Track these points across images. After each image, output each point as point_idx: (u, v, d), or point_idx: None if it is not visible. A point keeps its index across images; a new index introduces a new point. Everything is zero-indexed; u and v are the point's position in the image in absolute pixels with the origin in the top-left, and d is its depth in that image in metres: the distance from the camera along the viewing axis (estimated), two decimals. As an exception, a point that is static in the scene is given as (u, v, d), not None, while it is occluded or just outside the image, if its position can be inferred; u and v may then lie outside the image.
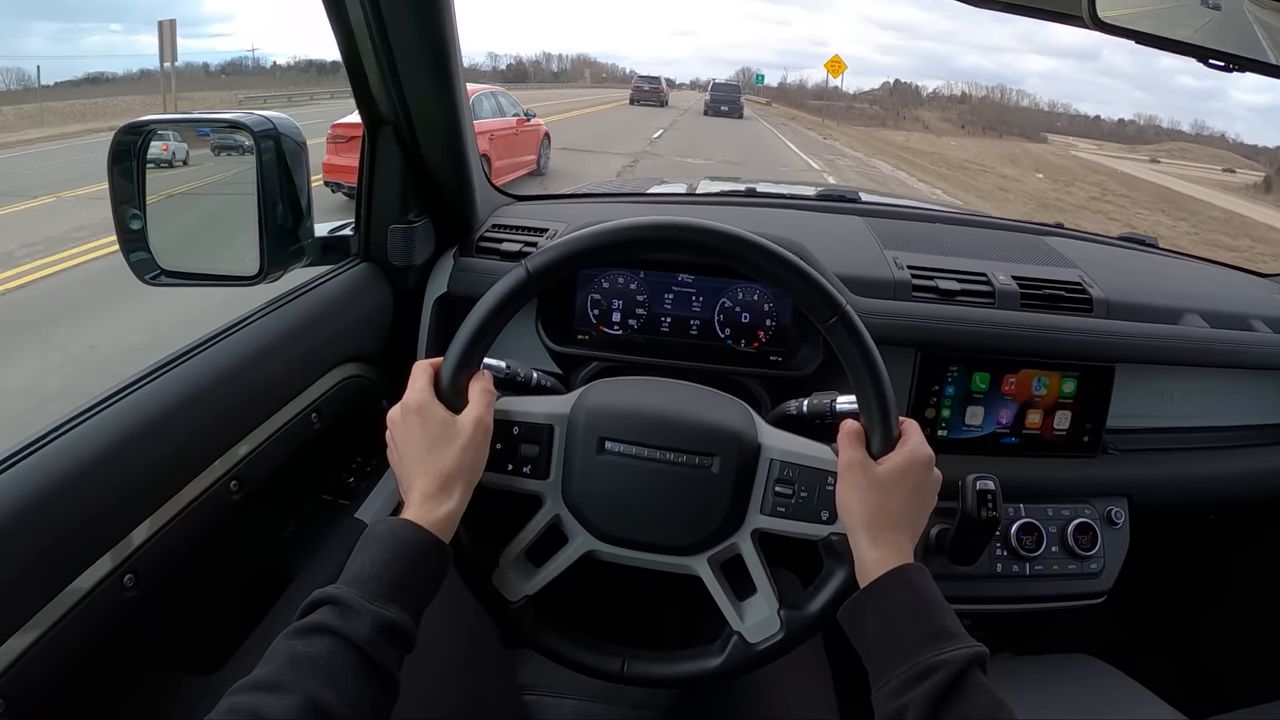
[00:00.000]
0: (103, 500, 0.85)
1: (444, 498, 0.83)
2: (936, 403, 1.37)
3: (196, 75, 40.79)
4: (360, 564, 0.76)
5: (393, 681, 0.72)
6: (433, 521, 0.81)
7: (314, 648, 0.69)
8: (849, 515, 0.86)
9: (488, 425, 0.88)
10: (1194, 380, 1.54)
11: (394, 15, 1.14)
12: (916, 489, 0.87)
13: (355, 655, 0.70)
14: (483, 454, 0.88)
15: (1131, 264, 1.75)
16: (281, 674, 0.67)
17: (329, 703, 0.66)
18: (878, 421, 0.87)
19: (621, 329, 1.39)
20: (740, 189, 2.04)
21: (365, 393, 1.35)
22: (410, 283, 1.41)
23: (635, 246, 0.90)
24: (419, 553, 0.78)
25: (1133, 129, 70.13)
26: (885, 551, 0.82)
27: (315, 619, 0.71)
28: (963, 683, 0.72)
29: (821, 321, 0.87)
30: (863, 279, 1.38)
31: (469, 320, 0.88)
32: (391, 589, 0.75)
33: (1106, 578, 1.38)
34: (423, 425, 0.86)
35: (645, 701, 1.16)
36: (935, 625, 0.77)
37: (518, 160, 10.77)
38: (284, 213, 1.15)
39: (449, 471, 0.84)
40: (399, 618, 0.73)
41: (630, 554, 0.94)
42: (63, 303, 5.52)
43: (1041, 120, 72.78)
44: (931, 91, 76.04)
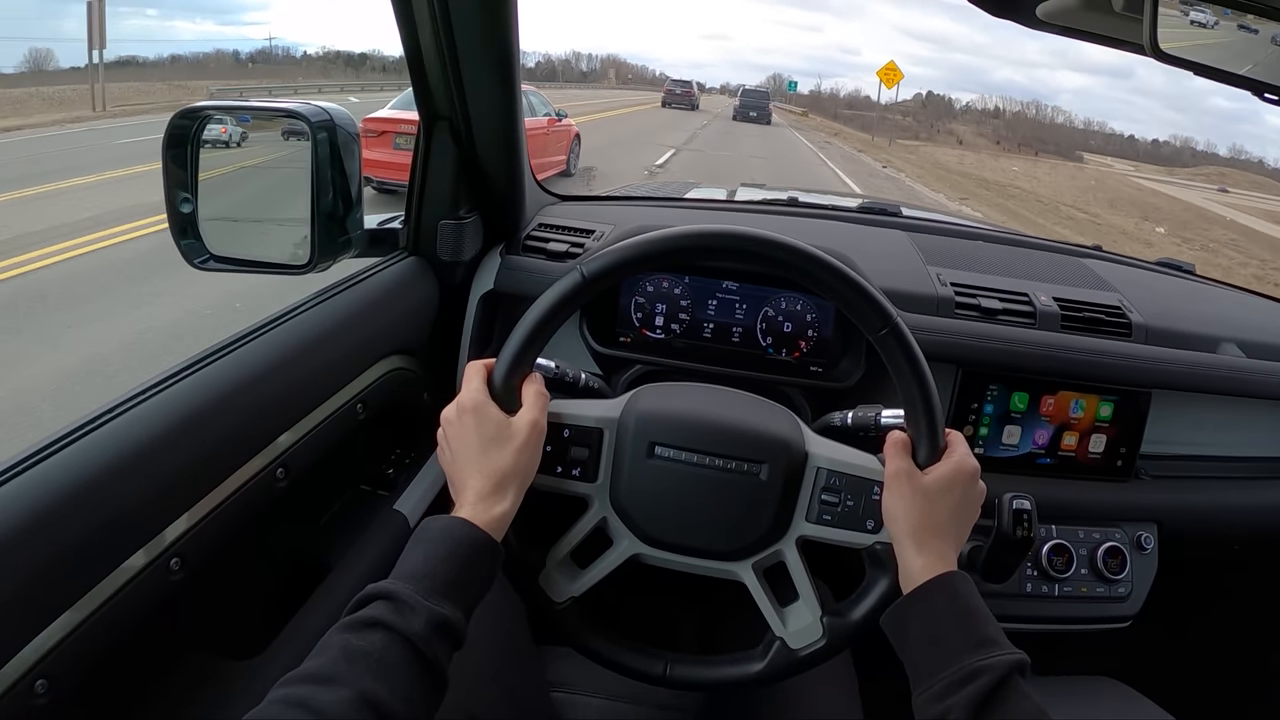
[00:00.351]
0: (152, 484, 0.86)
1: (499, 498, 0.84)
2: (975, 420, 1.39)
3: (225, 62, 41.06)
4: (415, 560, 0.78)
5: (443, 678, 0.74)
6: (487, 521, 0.82)
7: (367, 642, 0.70)
8: (895, 524, 0.87)
9: (542, 428, 0.89)
10: (1228, 410, 1.54)
11: (461, 12, 1.15)
12: (962, 499, 0.88)
13: (409, 651, 0.71)
14: (537, 456, 0.89)
15: (1170, 289, 1.76)
16: (335, 666, 0.68)
17: (381, 697, 0.67)
18: (925, 432, 0.88)
19: (664, 333, 1.41)
20: (781, 198, 2.06)
21: (408, 385, 1.36)
22: (457, 278, 1.43)
23: (691, 254, 0.91)
24: (474, 551, 0.80)
25: (1168, 150, 69.22)
26: (930, 559, 0.84)
27: (369, 613, 0.72)
28: (1005, 688, 0.73)
29: (873, 333, 0.89)
30: (907, 294, 1.39)
31: (524, 321, 0.89)
32: (446, 586, 0.76)
33: (1134, 602, 1.39)
34: (478, 426, 0.87)
35: (671, 703, 1.17)
36: (979, 632, 0.79)
37: (548, 160, 10.77)
38: (335, 203, 1.16)
39: (504, 472, 0.85)
40: (453, 615, 0.75)
41: (675, 558, 0.96)
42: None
43: (1076, 138, 71.66)
44: (965, 105, 75.10)
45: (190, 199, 1.13)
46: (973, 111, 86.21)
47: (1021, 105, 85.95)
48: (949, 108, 72.61)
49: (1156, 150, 69.20)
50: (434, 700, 0.73)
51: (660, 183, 9.30)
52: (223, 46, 66.03)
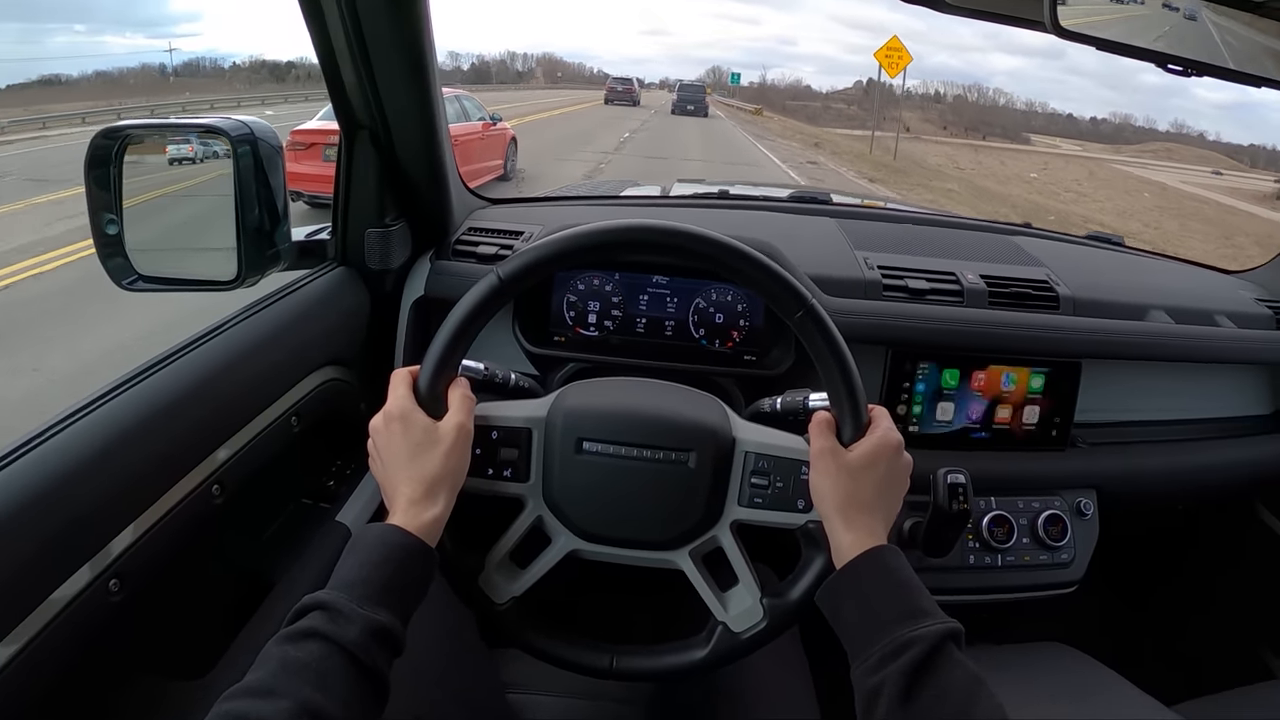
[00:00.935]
0: (85, 507, 0.86)
1: (429, 503, 0.86)
2: (908, 399, 1.43)
3: (151, 76, 40.17)
4: (349, 569, 0.79)
5: (384, 685, 0.75)
6: (419, 526, 0.83)
7: (305, 652, 0.71)
8: (823, 501, 0.90)
9: (469, 430, 0.91)
10: (1160, 375, 1.61)
11: (371, 19, 1.16)
12: (888, 473, 0.90)
13: (346, 659, 0.72)
14: (465, 459, 0.90)
15: (1098, 262, 1.82)
16: (274, 679, 0.69)
17: (321, 707, 0.68)
18: (847, 410, 0.91)
19: (597, 330, 1.43)
20: (713, 191, 2.09)
21: (344, 396, 1.37)
22: (387, 286, 1.44)
23: (605, 250, 0.93)
24: (407, 557, 0.81)
25: (1108, 128, 69.93)
26: (859, 534, 0.86)
27: (306, 624, 0.73)
28: (938, 657, 0.75)
29: (789, 316, 0.91)
30: (834, 279, 1.43)
31: (444, 328, 0.91)
32: (380, 593, 0.77)
33: (1077, 567, 1.44)
34: (405, 433, 0.88)
35: (627, 697, 1.20)
36: (910, 604, 0.81)
37: (485, 165, 10.75)
38: (261, 217, 1.17)
39: (433, 477, 0.87)
40: (389, 621, 0.76)
41: (613, 551, 0.98)
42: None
43: (1020, 120, 72.16)
44: (906, 90, 75.77)
45: (115, 220, 1.13)
46: (914, 97, 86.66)
47: (963, 89, 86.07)
48: (890, 94, 73.13)
49: (1097, 128, 70.04)
50: (375, 708, 0.74)
51: (595, 182, 9.32)
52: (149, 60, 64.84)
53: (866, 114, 70.03)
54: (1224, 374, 1.69)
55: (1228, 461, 1.64)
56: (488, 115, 11.14)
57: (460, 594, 0.97)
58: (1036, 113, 76.80)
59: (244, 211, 1.15)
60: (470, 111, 10.66)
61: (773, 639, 0.96)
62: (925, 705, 0.74)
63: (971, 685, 0.74)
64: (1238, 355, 1.64)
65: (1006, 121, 62.19)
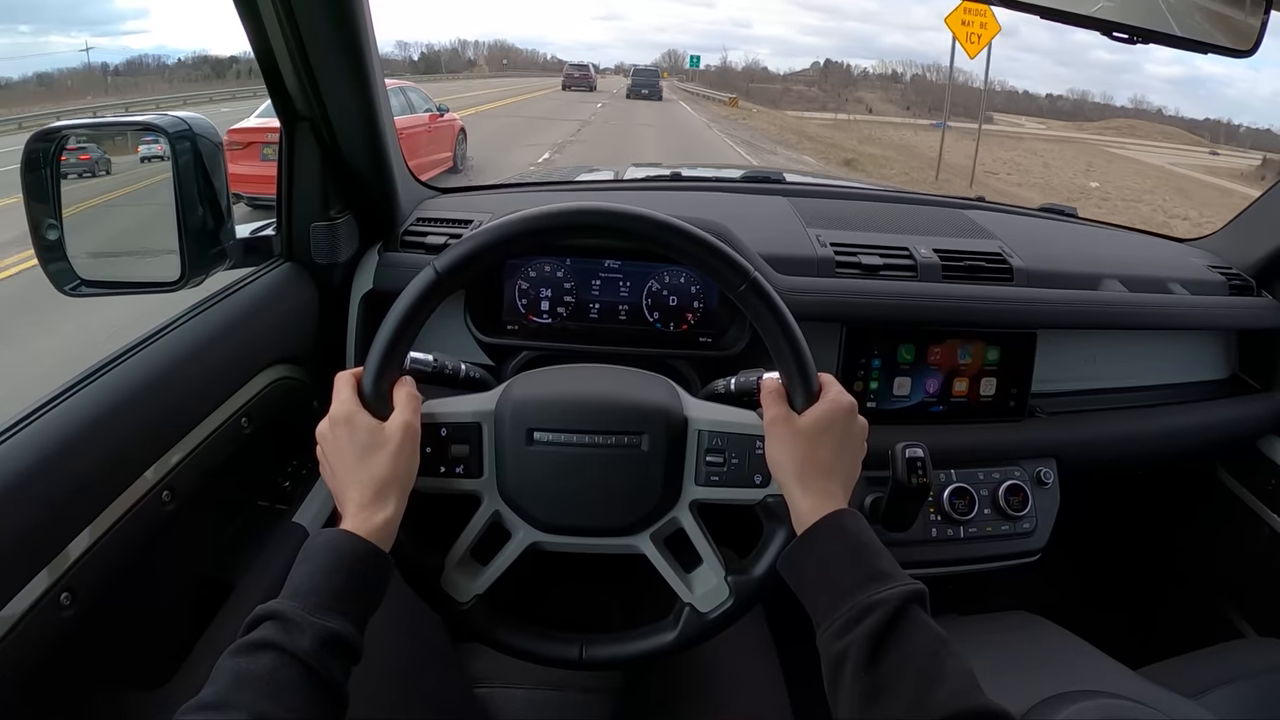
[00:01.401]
0: (31, 518, 0.85)
1: (379, 505, 0.85)
2: (864, 375, 1.45)
3: (94, 76, 39.25)
4: (300, 577, 0.78)
5: (341, 693, 0.75)
6: (370, 530, 0.83)
7: (258, 664, 0.71)
8: (780, 470, 0.90)
9: (415, 429, 0.90)
10: (1116, 343, 1.65)
11: (305, 8, 1.14)
12: (844, 436, 0.91)
13: (300, 669, 0.71)
14: (414, 458, 0.90)
15: (1051, 234, 1.85)
16: (227, 693, 0.69)
17: (276, 718, 0.68)
18: (797, 378, 0.92)
19: (551, 317, 1.44)
20: (666, 174, 2.11)
21: (296, 394, 1.36)
22: (336, 280, 1.43)
23: (542, 235, 0.93)
24: (358, 562, 0.80)
25: (1066, 104, 69.94)
26: (818, 499, 0.87)
27: (258, 635, 0.73)
28: (901, 620, 0.76)
29: (732, 290, 0.92)
30: (787, 257, 1.45)
31: (384, 326, 0.90)
32: (333, 600, 0.77)
33: (1039, 536, 1.47)
34: (351, 436, 0.88)
35: (595, 686, 1.21)
36: (871, 567, 0.81)
37: (434, 158, 10.61)
38: (204, 216, 1.16)
39: (382, 479, 0.86)
40: (342, 629, 0.75)
41: (573, 541, 0.98)
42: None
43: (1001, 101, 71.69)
44: (863, 70, 75.04)
45: (55, 224, 1.11)
46: (871, 77, 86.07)
47: (921, 68, 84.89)
48: (848, 75, 72.47)
49: (1055, 105, 70.08)
50: (332, 717, 0.74)
51: (549, 169, 9.25)
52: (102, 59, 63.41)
53: (826, 95, 69.06)
54: (1180, 340, 1.73)
55: (1186, 426, 1.67)
56: (435, 106, 10.99)
57: (422, 596, 0.97)
58: (995, 91, 76.58)
59: (185, 210, 1.14)
60: (416, 103, 10.49)
61: (740, 616, 0.97)
62: (890, 668, 0.74)
63: (936, 646, 0.75)
64: (1191, 321, 1.68)
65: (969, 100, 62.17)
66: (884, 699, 0.73)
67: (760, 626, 1.27)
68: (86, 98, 33.10)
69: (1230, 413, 1.72)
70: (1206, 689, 1.29)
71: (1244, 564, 1.84)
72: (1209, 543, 1.94)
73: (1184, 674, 1.35)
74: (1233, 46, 1.21)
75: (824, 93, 75.29)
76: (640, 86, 41.76)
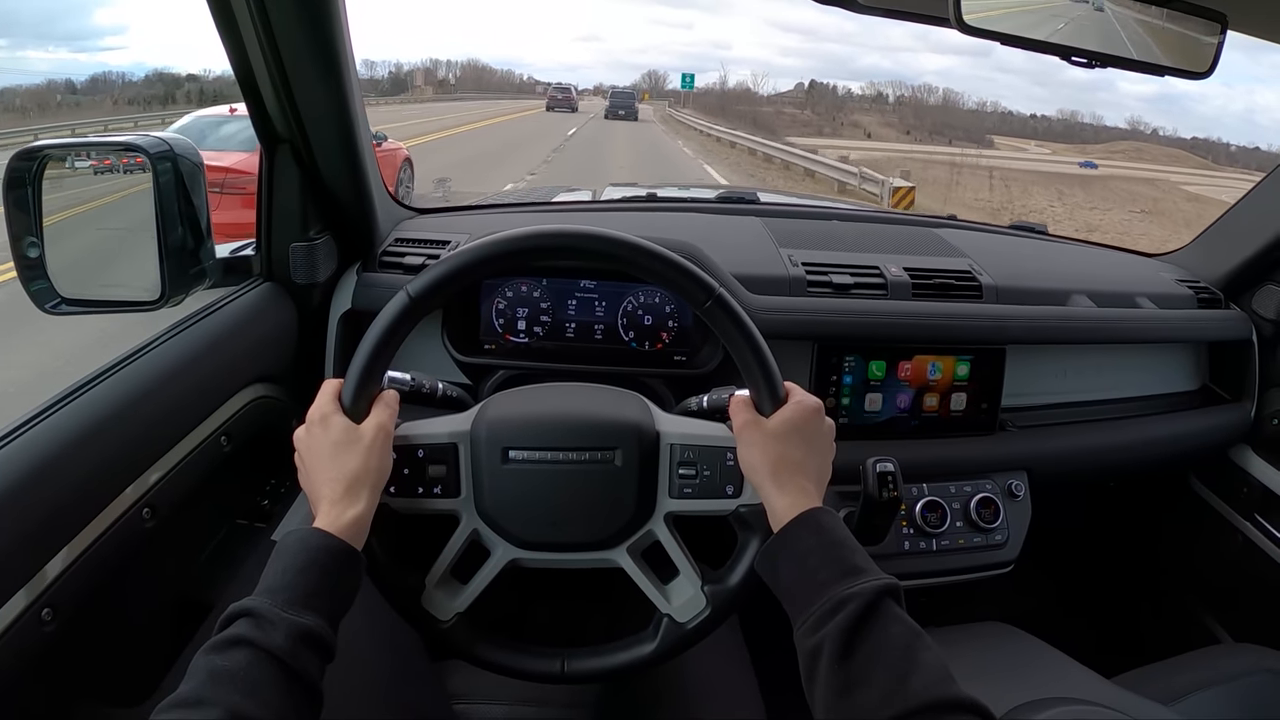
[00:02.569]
0: (12, 534, 0.87)
1: (351, 501, 0.87)
2: (836, 391, 1.49)
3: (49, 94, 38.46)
4: (273, 574, 0.80)
5: (315, 689, 0.76)
6: (341, 527, 0.85)
7: (232, 661, 0.72)
8: (754, 472, 0.93)
9: (389, 430, 0.93)
10: (1086, 357, 1.70)
11: (285, 33, 1.17)
12: (813, 434, 0.95)
13: (274, 665, 0.73)
14: (386, 458, 0.92)
15: (1021, 251, 1.90)
16: (202, 689, 0.70)
17: (251, 714, 0.69)
18: (763, 385, 0.95)
19: (527, 337, 1.47)
20: (641, 194, 2.15)
21: (275, 413, 1.38)
22: (315, 300, 1.45)
23: (511, 258, 0.96)
24: (330, 559, 0.82)
25: (1060, 126, 68.51)
26: (793, 497, 0.90)
27: (232, 632, 0.75)
28: (875, 613, 0.78)
29: (698, 306, 0.95)
30: (759, 277, 1.49)
31: (360, 349, 0.93)
32: (306, 597, 0.78)
33: (1011, 548, 1.51)
34: (325, 434, 0.90)
35: (575, 701, 1.22)
36: (846, 562, 0.84)
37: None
38: (184, 235, 1.18)
39: (353, 475, 0.88)
40: (315, 625, 0.77)
41: (552, 557, 1.00)
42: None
43: (976, 122, 69.46)
44: (847, 91, 74.14)
45: (37, 242, 1.13)
46: (855, 99, 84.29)
47: (911, 90, 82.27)
48: (834, 95, 71.33)
49: (1051, 127, 68.59)
50: (307, 713, 0.75)
51: (526, 189, 9.19)
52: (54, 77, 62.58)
53: (821, 119, 67.29)
54: (1150, 353, 1.78)
55: (1157, 437, 1.72)
56: (373, 134, 10.52)
57: (404, 616, 0.99)
58: (987, 113, 74.44)
59: (166, 230, 1.16)
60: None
61: (717, 625, 1.00)
62: (864, 660, 0.76)
63: (910, 638, 0.77)
64: (1159, 335, 1.73)
65: (969, 124, 59.83)
66: (858, 690, 0.75)
67: (735, 635, 1.29)
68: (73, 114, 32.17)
69: (1201, 423, 1.77)
70: (1182, 695, 1.32)
71: (1218, 571, 1.88)
72: (1183, 551, 1.99)
73: (1159, 681, 1.37)
74: (1190, 69, 1.25)
75: (817, 116, 73.09)
76: (618, 107, 44.05)
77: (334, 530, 0.85)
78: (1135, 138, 56.39)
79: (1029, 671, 1.37)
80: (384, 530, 0.95)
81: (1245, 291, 1.81)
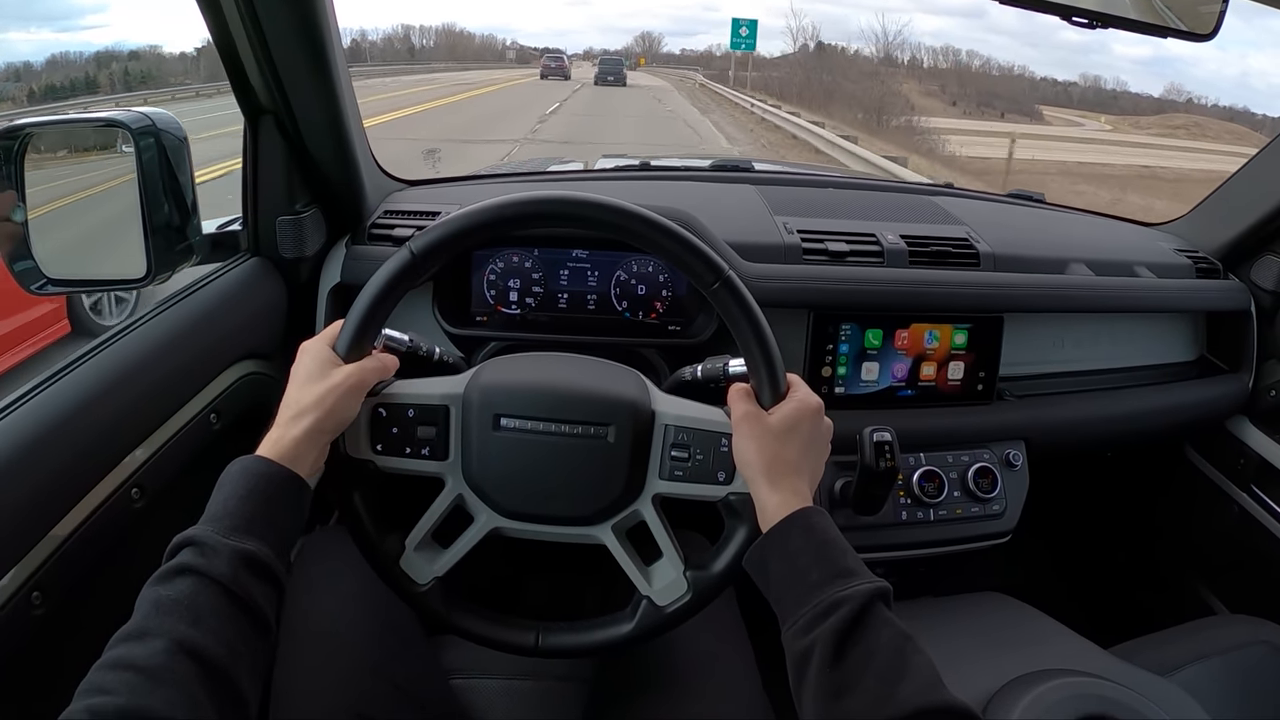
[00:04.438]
0: (0, 516, 0.87)
1: (293, 424, 0.87)
2: (832, 361, 1.48)
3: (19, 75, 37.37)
4: (217, 503, 0.80)
5: (262, 616, 0.76)
6: (280, 452, 0.85)
7: (176, 590, 0.72)
8: (747, 466, 0.93)
9: (364, 382, 0.92)
10: (1084, 326, 1.70)
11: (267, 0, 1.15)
12: (811, 434, 0.94)
13: (218, 592, 0.73)
14: (345, 403, 0.90)
15: (1019, 219, 1.90)
16: (147, 620, 0.70)
17: (196, 642, 0.69)
18: (765, 378, 0.94)
19: (519, 308, 1.47)
20: (635, 163, 2.14)
21: (264, 389, 1.37)
22: (303, 274, 1.44)
23: (521, 222, 0.95)
24: (270, 485, 0.82)
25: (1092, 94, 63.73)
26: (785, 496, 0.89)
27: (176, 562, 0.75)
28: (866, 616, 0.78)
29: (705, 287, 0.94)
30: (754, 245, 1.48)
31: (356, 304, 0.92)
32: (248, 523, 0.78)
33: (1009, 518, 1.51)
34: (305, 362, 0.91)
35: (571, 674, 1.22)
36: (836, 564, 0.83)
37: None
38: (170, 211, 1.16)
39: (304, 405, 0.87)
40: (259, 550, 0.77)
41: (535, 528, 1.00)
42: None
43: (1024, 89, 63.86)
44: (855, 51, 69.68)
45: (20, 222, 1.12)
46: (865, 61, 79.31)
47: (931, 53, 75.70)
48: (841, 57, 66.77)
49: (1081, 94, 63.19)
50: (256, 641, 0.75)
51: (518, 161, 9.15)
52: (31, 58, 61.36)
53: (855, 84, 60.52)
54: (1147, 322, 1.78)
55: (1154, 407, 1.72)
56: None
57: (381, 576, 0.99)
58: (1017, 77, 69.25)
59: (150, 206, 1.15)
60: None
61: (697, 612, 1.00)
62: (854, 665, 0.76)
63: (900, 643, 0.77)
64: (1157, 304, 1.73)
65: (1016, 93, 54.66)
66: (848, 695, 0.75)
67: (732, 610, 1.29)
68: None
69: (1198, 394, 1.77)
70: (1178, 666, 1.33)
71: (1214, 542, 1.89)
72: (1179, 522, 2.00)
73: (1155, 652, 1.38)
74: (1193, 30, 1.24)
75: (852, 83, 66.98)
76: (606, 74, 46.18)
77: (273, 455, 0.85)
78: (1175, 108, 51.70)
79: (1026, 641, 1.38)
80: (368, 489, 0.96)
81: (1244, 262, 1.81)
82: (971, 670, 1.23)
